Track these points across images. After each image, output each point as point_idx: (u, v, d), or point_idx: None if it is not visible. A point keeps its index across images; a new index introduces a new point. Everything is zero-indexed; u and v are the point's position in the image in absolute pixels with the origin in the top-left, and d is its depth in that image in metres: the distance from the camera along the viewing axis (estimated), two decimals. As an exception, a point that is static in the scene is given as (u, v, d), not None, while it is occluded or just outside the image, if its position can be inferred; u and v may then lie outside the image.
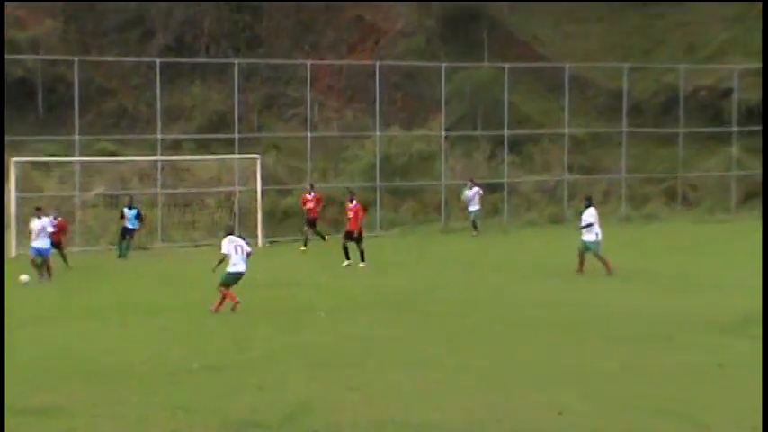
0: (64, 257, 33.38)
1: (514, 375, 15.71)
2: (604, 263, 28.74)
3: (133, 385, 15.07)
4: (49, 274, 30.11)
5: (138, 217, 37.07)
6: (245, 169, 42.79)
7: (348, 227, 32.54)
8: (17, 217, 37.17)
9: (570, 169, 48.57)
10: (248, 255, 23.04)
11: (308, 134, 45.48)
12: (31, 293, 26.89)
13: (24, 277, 29.62)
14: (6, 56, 49.48)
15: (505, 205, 46.78)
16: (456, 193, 44.74)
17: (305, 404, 13.76)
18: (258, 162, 41.66)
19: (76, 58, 43.00)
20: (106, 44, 58.92)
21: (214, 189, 43.64)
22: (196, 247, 39.37)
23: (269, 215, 42.58)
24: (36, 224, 30.24)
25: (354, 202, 32.67)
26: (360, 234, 31.97)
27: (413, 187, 47.37)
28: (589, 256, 28.94)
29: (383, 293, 25.88)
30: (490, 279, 28.43)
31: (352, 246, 31.94)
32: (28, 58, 53.97)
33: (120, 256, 36.58)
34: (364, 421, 12.95)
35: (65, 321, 21.94)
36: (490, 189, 46.16)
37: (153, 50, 56.94)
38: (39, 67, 56.09)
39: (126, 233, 36.91)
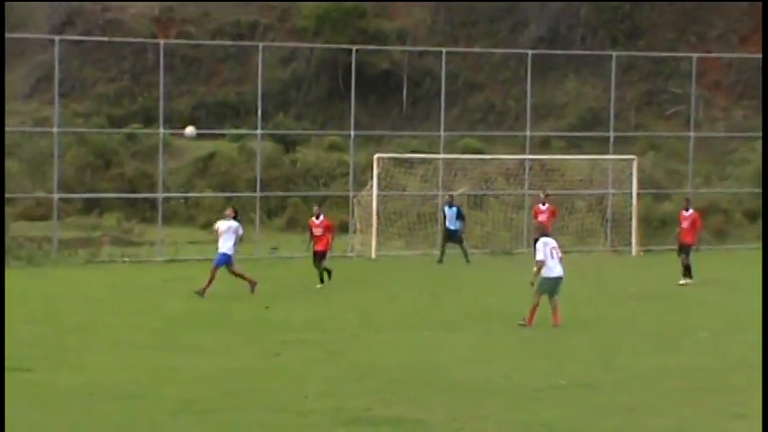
0: (327, 272, 29.31)
1: None
2: None
3: (495, 400, 15.27)
4: (251, 288, 27.36)
5: (460, 216, 36.83)
6: (619, 171, 42.50)
7: (681, 238, 31.17)
8: (378, 213, 38.51)
9: None
10: (560, 259, 22.95)
11: (691, 134, 44.52)
12: (377, 298, 27.77)
13: (189, 129, 33.73)
14: (372, 47, 51.46)
15: None
16: None
17: (678, 429, 13.56)
18: (634, 163, 41.27)
19: (444, 50, 43.97)
20: (475, 35, 60.21)
21: (585, 191, 43.55)
22: (565, 253, 39.33)
23: (644, 221, 42.10)
24: (221, 225, 27.53)
25: (690, 210, 31.40)
26: (689, 246, 30.73)
27: (808, 196, 45.52)
28: None
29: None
30: None
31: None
32: (394, 49, 55.92)
33: (439, 261, 36.28)
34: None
35: (415, 330, 22.45)
36: None
37: (525, 41, 57.71)
38: (405, 59, 58.03)
39: (452, 236, 36.57)
